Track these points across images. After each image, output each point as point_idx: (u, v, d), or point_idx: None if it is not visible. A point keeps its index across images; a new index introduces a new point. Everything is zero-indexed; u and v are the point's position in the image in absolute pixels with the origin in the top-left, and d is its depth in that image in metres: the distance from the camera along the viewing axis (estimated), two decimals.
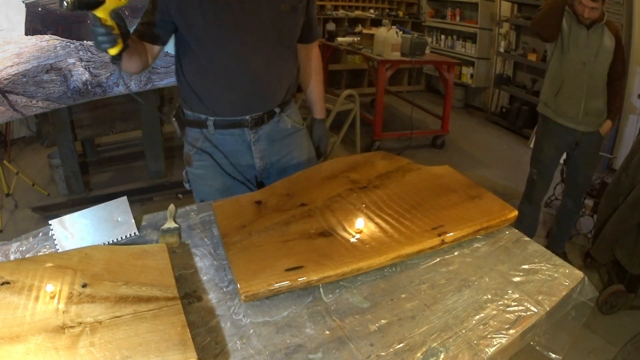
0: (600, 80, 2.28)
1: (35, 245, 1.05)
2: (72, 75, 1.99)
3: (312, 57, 1.53)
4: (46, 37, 2.00)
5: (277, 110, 1.39)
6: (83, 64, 2.02)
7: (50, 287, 0.84)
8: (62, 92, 2.03)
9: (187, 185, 1.49)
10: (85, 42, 2.05)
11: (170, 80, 2.46)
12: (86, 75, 2.03)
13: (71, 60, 2.00)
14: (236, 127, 1.35)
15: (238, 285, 0.89)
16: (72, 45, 2.01)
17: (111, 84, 2.13)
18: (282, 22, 1.29)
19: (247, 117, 1.34)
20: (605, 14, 2.21)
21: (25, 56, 1.94)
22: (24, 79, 1.94)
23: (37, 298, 0.81)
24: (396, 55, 4.09)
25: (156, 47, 1.30)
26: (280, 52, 1.32)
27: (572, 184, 2.55)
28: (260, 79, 1.30)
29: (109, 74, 2.09)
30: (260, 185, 1.47)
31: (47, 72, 1.98)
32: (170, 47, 1.39)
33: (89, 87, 2.04)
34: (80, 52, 2.02)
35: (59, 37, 2.02)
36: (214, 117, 1.33)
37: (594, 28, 2.20)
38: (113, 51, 1.02)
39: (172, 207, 1.20)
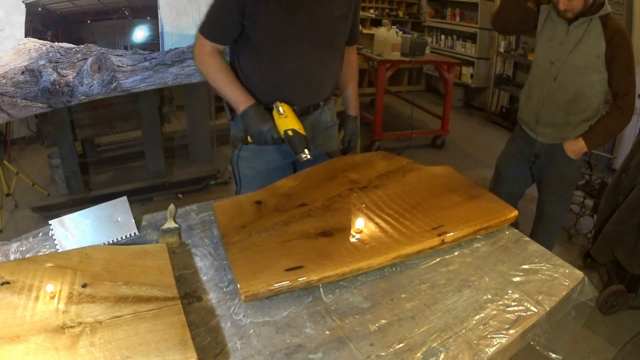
0: (571, 87, 1.81)
1: (35, 245, 1.05)
2: (42, 76, 2.11)
3: (351, 60, 1.64)
4: (24, 40, 2.11)
5: (321, 103, 1.52)
6: (52, 65, 2.13)
7: (50, 287, 0.84)
8: (36, 92, 2.16)
9: (230, 167, 1.60)
10: (55, 44, 2.15)
11: (135, 79, 2.46)
12: (54, 76, 2.13)
13: (42, 62, 2.11)
14: None
15: (238, 285, 0.89)
16: (43, 48, 2.12)
17: (77, 84, 2.24)
18: (335, 27, 1.41)
19: (295, 107, 1.41)
20: (604, 6, 1.71)
21: (4, 59, 2.07)
22: (4, 81, 2.06)
23: (37, 298, 0.81)
24: (396, 55, 4.09)
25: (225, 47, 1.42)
26: (331, 53, 1.45)
27: (538, 212, 2.12)
28: (312, 76, 1.42)
29: (75, 74, 2.19)
30: (294, 170, 1.56)
31: (22, 73, 2.10)
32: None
33: (57, 87, 2.15)
34: (50, 54, 2.13)
35: (36, 40, 2.13)
36: (264, 105, 1.41)
37: (578, 22, 1.73)
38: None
39: (172, 207, 1.20)
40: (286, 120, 1.29)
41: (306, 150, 1.26)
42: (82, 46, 2.27)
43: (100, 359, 0.71)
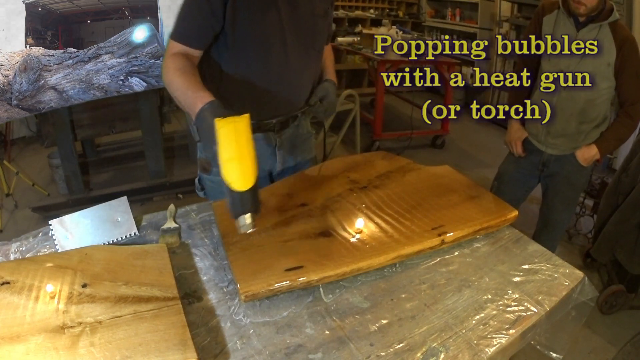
0: (581, 95, 1.78)
1: (35, 245, 1.05)
2: None
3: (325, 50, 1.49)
4: None
5: (299, 114, 1.39)
6: None
7: (50, 287, 0.84)
8: None
9: (201, 194, 1.47)
10: (3, 50, 2.44)
11: (58, 76, 2.62)
12: None
13: None
14: (262, 131, 1.33)
15: (238, 285, 0.89)
16: None
17: (13, 82, 2.56)
18: (316, 26, 1.31)
19: (274, 120, 1.32)
20: (614, 12, 1.68)
21: None
22: None
23: (37, 298, 0.81)
24: (396, 56, 4.09)
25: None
26: (312, 55, 1.34)
27: (543, 217, 2.09)
28: (294, 82, 1.31)
29: (13, 74, 2.52)
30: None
31: None
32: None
33: (2, 86, 2.51)
34: None
35: None
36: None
37: (588, 28, 1.70)
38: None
39: (172, 207, 1.20)
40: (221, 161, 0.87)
41: (246, 218, 0.88)
42: (24, 49, 2.49)
43: (100, 359, 0.71)
